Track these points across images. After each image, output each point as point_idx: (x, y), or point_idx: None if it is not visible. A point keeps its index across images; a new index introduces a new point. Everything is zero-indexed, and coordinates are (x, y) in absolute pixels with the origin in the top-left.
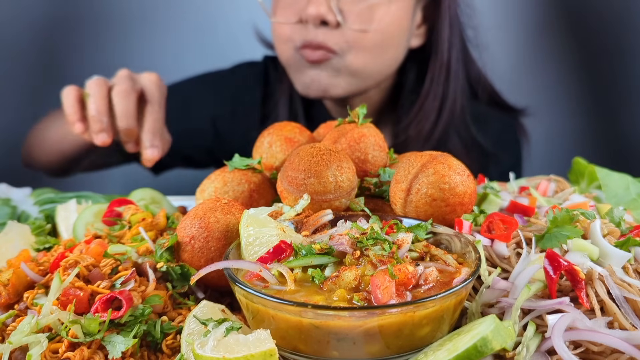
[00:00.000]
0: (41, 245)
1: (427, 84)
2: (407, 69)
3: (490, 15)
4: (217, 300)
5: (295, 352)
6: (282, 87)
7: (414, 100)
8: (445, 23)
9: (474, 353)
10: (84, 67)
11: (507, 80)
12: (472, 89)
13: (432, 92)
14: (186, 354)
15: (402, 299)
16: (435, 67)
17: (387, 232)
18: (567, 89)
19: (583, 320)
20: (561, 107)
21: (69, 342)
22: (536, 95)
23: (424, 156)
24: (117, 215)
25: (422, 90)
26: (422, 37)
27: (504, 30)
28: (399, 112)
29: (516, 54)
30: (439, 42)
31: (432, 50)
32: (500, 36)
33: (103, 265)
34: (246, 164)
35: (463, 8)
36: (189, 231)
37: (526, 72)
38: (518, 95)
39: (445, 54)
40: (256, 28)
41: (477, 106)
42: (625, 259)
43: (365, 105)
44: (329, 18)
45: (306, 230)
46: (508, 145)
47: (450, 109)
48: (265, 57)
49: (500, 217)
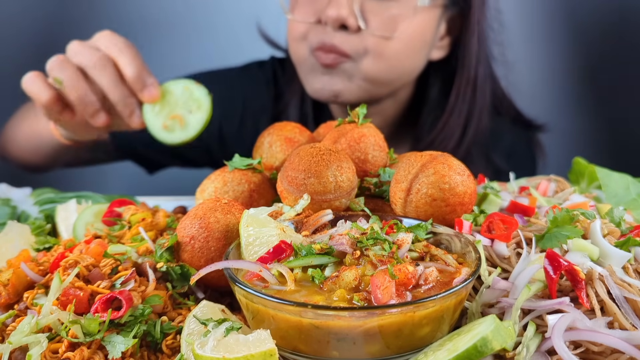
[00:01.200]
0: (41, 245)
1: (453, 100)
2: (430, 83)
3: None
4: (217, 300)
5: (295, 352)
6: (293, 88)
7: (437, 116)
8: (473, 37)
9: (474, 353)
10: None
11: (506, 80)
12: (494, 106)
13: (457, 109)
14: (186, 354)
15: (402, 299)
16: (462, 82)
17: (387, 232)
18: (567, 89)
19: (583, 320)
20: (561, 107)
21: (69, 342)
22: (536, 95)
23: (424, 156)
24: (117, 215)
25: (447, 106)
26: (445, 49)
27: (504, 33)
28: (421, 128)
29: (516, 54)
30: (466, 56)
31: (459, 65)
32: (500, 37)
33: (103, 265)
34: (246, 164)
35: (492, 23)
36: (189, 231)
37: (526, 73)
38: (518, 96)
39: (473, 70)
40: (259, 25)
41: (494, 121)
42: (625, 259)
43: (365, 105)
44: (349, 22)
45: (306, 230)
46: (522, 160)
47: (475, 126)
48: (272, 58)
49: (500, 217)
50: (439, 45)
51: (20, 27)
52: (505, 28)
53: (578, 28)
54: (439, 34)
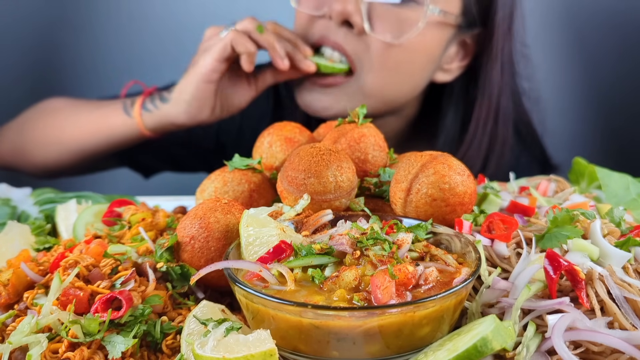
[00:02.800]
0: (41, 245)
1: (472, 130)
2: (443, 107)
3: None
4: (217, 300)
5: (295, 352)
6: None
7: (454, 146)
8: (496, 66)
9: (474, 353)
10: (84, 68)
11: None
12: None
13: (477, 140)
14: (186, 354)
15: (402, 299)
16: (482, 112)
17: (387, 232)
18: (567, 89)
19: (583, 321)
20: (561, 107)
21: (69, 342)
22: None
23: (424, 156)
24: (117, 215)
25: (466, 136)
26: (453, 74)
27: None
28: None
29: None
30: (487, 86)
31: (479, 94)
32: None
33: (103, 265)
34: (246, 164)
35: (518, 58)
36: (189, 231)
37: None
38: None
39: (495, 100)
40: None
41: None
42: (625, 259)
43: (365, 105)
44: (354, 19)
45: (306, 230)
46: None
47: (497, 160)
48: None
49: (500, 217)
50: (446, 68)
51: (19, 28)
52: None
53: (578, 29)
54: (448, 55)
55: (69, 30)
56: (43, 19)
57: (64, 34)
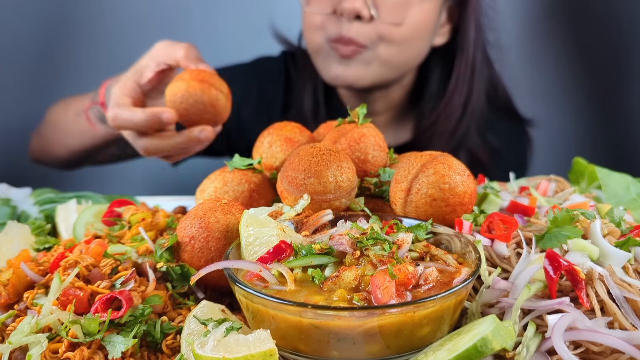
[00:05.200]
0: (41, 245)
1: (453, 82)
2: (431, 67)
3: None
4: (217, 300)
5: (295, 352)
6: (305, 78)
7: (437, 99)
8: (471, 24)
9: (474, 353)
10: (87, 64)
11: (508, 81)
12: (487, 93)
13: (458, 90)
14: (186, 354)
15: (402, 299)
16: (461, 65)
17: (387, 232)
18: (567, 89)
19: (583, 320)
20: (561, 107)
21: (69, 342)
22: (536, 95)
23: (424, 156)
24: (117, 215)
25: (448, 87)
26: (446, 36)
27: (505, 32)
28: (423, 109)
29: (516, 55)
30: (465, 42)
31: (458, 50)
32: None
33: (103, 265)
34: (246, 164)
35: (486, 10)
36: (189, 231)
37: (526, 73)
38: (519, 97)
39: (471, 54)
40: (271, 22)
41: (488, 110)
42: (625, 259)
43: (365, 105)
44: (363, 12)
45: (306, 230)
46: (514, 150)
47: (473, 107)
48: (283, 51)
49: (500, 217)
50: (441, 32)
51: (21, 25)
52: (499, 14)
53: (578, 28)
54: (441, 21)
55: (70, 29)
56: (43, 18)
57: (65, 34)
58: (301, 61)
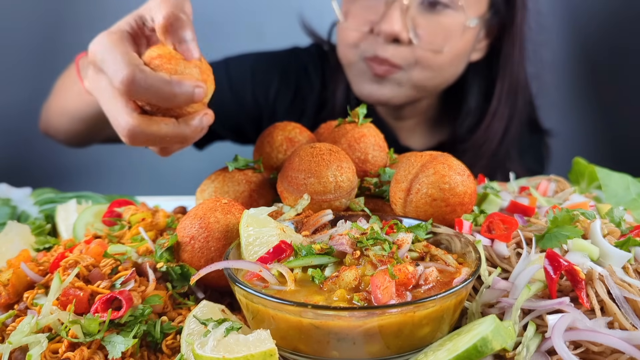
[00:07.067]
0: (41, 245)
1: (495, 103)
2: (468, 82)
3: None
4: (217, 300)
5: (295, 352)
6: (338, 78)
7: (475, 116)
8: (516, 45)
9: (474, 353)
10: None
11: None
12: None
13: (500, 112)
14: (186, 354)
15: (402, 299)
16: (504, 87)
17: (387, 232)
18: (567, 89)
19: (583, 321)
20: (561, 107)
21: (69, 342)
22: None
23: (424, 156)
24: (117, 215)
25: (490, 108)
26: (483, 51)
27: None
28: (460, 127)
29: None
30: (508, 63)
31: (500, 70)
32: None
33: (103, 265)
34: (246, 164)
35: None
36: (189, 231)
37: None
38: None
39: (515, 76)
40: (301, 16)
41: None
42: (625, 259)
43: (365, 105)
44: (402, 36)
45: (306, 230)
46: (536, 160)
47: (515, 129)
48: (316, 45)
49: (500, 217)
50: (478, 47)
51: (20, 27)
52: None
53: (578, 28)
54: (479, 37)
55: (70, 29)
56: (44, 17)
57: (65, 33)
58: (333, 59)
